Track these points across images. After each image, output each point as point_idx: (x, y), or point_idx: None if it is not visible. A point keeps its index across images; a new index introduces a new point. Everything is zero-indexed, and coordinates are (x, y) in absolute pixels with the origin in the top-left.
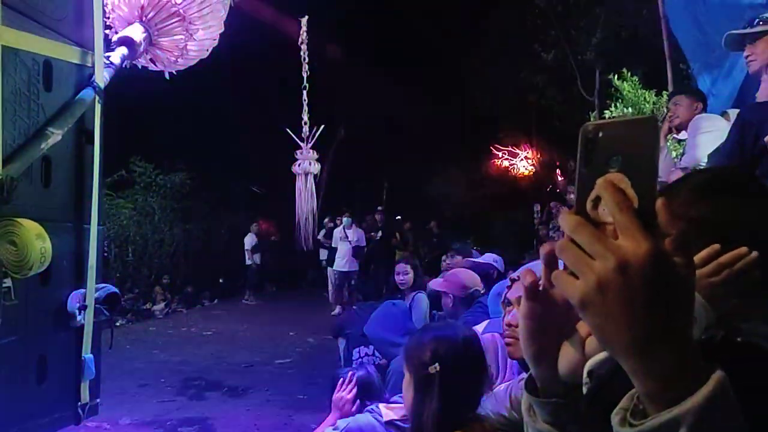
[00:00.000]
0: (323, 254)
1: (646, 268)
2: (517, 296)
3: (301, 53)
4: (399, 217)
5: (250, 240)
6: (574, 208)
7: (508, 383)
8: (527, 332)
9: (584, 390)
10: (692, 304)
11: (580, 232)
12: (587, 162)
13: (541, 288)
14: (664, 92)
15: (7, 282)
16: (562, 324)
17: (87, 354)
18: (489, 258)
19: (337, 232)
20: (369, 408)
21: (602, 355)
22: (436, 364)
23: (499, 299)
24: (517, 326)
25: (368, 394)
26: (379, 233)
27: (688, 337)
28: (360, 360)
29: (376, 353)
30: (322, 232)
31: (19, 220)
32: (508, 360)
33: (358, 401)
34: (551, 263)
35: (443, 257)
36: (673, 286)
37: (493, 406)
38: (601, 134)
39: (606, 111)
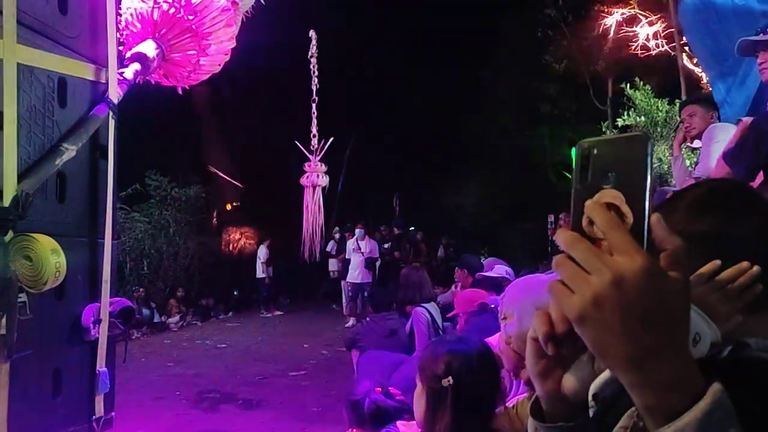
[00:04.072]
0: (332, 265)
1: (640, 282)
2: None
3: (311, 66)
4: (412, 228)
5: (264, 252)
6: (570, 224)
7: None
8: (533, 351)
9: (590, 413)
10: (688, 318)
11: (576, 247)
12: (582, 179)
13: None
14: (677, 101)
15: (22, 297)
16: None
17: (101, 367)
18: (501, 270)
19: (350, 244)
20: (385, 429)
21: (606, 376)
22: (450, 378)
23: None
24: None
25: (382, 421)
26: (389, 245)
27: (685, 351)
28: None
29: None
30: (331, 243)
31: (34, 235)
32: None
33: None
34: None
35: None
36: (668, 299)
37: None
38: (595, 151)
39: (619, 120)
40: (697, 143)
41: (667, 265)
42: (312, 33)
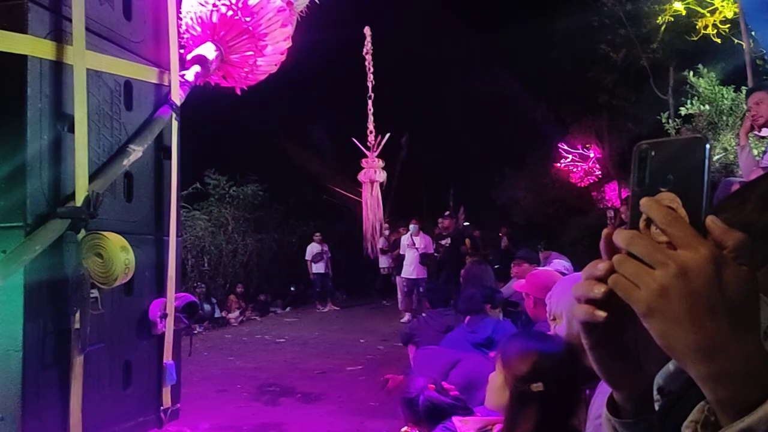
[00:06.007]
0: (383, 261)
1: (706, 271)
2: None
3: (366, 63)
4: (467, 223)
5: (310, 250)
6: (628, 226)
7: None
8: (589, 335)
9: (656, 407)
10: (756, 308)
11: (637, 243)
12: (640, 181)
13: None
14: (743, 88)
15: (94, 292)
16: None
17: (168, 360)
18: (558, 265)
19: (404, 240)
20: (441, 426)
21: (672, 369)
22: (540, 384)
23: None
24: None
25: (437, 418)
26: (448, 240)
27: (754, 342)
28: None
29: None
30: (382, 240)
31: (104, 233)
32: None
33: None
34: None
35: (512, 264)
36: (735, 289)
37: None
38: (653, 154)
39: (681, 108)
40: (764, 132)
41: (733, 257)
42: (366, 29)
